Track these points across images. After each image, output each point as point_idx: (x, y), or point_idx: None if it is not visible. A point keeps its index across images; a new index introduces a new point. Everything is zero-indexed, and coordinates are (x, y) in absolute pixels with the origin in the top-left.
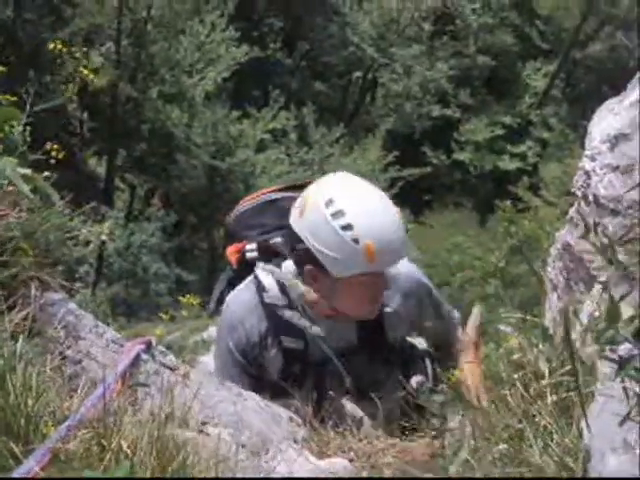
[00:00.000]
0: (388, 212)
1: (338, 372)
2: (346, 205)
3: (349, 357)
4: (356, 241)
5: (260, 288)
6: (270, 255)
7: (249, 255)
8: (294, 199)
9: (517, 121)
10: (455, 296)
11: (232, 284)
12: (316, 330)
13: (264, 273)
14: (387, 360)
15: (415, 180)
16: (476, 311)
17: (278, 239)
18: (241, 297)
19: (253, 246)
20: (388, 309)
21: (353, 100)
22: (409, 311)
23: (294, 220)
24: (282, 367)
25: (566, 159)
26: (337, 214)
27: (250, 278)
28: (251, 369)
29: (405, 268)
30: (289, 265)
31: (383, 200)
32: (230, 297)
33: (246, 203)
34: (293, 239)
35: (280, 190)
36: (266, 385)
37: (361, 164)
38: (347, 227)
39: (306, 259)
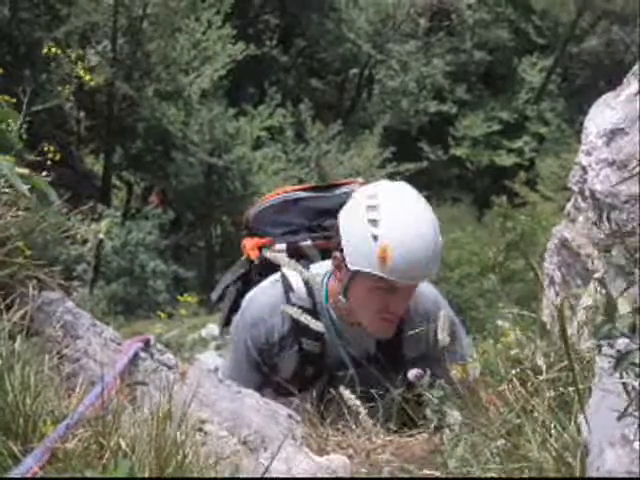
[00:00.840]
0: (422, 226)
1: (350, 379)
2: (384, 203)
3: (364, 366)
4: (375, 238)
5: (287, 288)
6: (297, 256)
7: (277, 255)
8: (319, 199)
9: (514, 116)
10: (453, 292)
11: (245, 279)
12: (319, 326)
13: (292, 273)
14: (400, 372)
15: (412, 176)
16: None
17: (308, 242)
18: (267, 295)
19: (283, 246)
20: (409, 333)
21: (350, 97)
22: (428, 334)
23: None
24: (296, 369)
25: (563, 154)
26: (372, 208)
27: (275, 277)
28: (264, 367)
29: (426, 289)
30: (317, 267)
31: (424, 215)
32: (254, 294)
33: (268, 200)
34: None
35: (304, 190)
36: (272, 384)
37: (358, 161)
38: (373, 222)
39: (337, 247)
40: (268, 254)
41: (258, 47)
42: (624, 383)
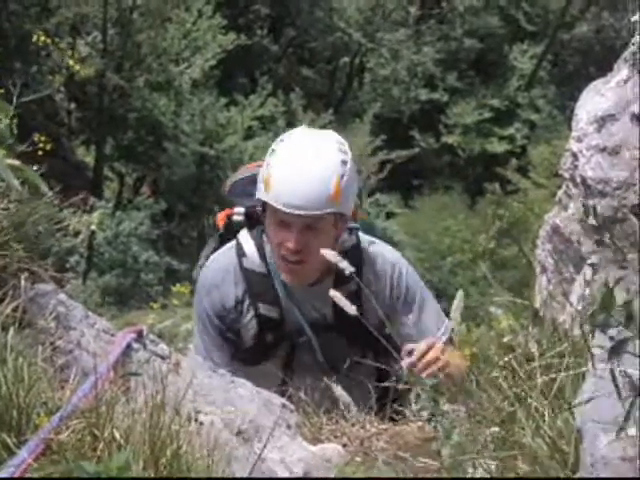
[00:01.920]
0: (307, 156)
1: (311, 346)
2: (289, 137)
3: (324, 333)
4: (267, 165)
5: (240, 253)
6: (256, 222)
7: (235, 219)
8: None
9: (505, 104)
10: (446, 279)
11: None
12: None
13: (246, 238)
14: (362, 343)
15: (404, 164)
16: (459, 297)
17: None
18: (219, 261)
19: (240, 210)
20: (366, 291)
21: (340, 85)
22: (382, 293)
23: None
24: (256, 334)
25: (554, 141)
26: (280, 141)
27: (231, 243)
28: (228, 334)
29: (385, 252)
30: None
31: (316, 148)
32: (208, 261)
33: (242, 172)
34: None
35: None
36: (241, 351)
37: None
38: (272, 151)
39: None
40: (219, 219)
41: (249, 37)
42: (615, 369)
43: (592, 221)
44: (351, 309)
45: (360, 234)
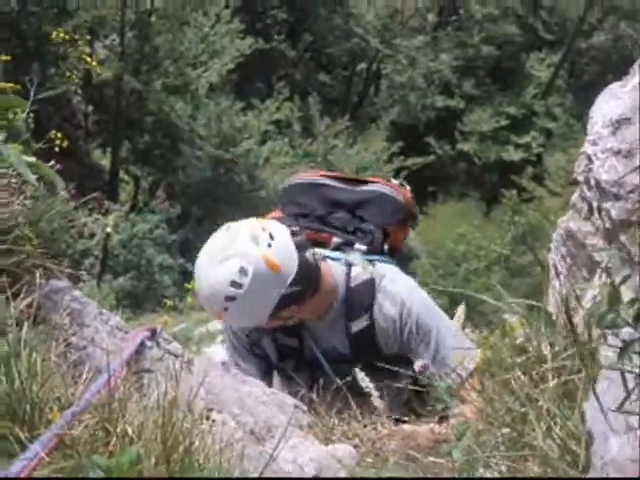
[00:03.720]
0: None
1: (327, 376)
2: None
3: (340, 364)
4: None
5: None
6: None
7: None
8: (339, 190)
9: (521, 111)
10: (460, 286)
11: None
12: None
13: None
14: (379, 374)
15: (419, 171)
16: (461, 310)
17: (296, 227)
18: None
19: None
20: (380, 322)
21: (357, 91)
22: (393, 331)
23: None
24: (277, 359)
25: (571, 149)
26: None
27: None
28: (256, 349)
29: (396, 290)
30: None
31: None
32: None
33: (300, 177)
34: None
35: (334, 178)
36: (278, 369)
37: (365, 155)
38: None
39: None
40: None
41: (266, 41)
42: (626, 371)
43: (601, 223)
44: (377, 400)
45: (378, 266)
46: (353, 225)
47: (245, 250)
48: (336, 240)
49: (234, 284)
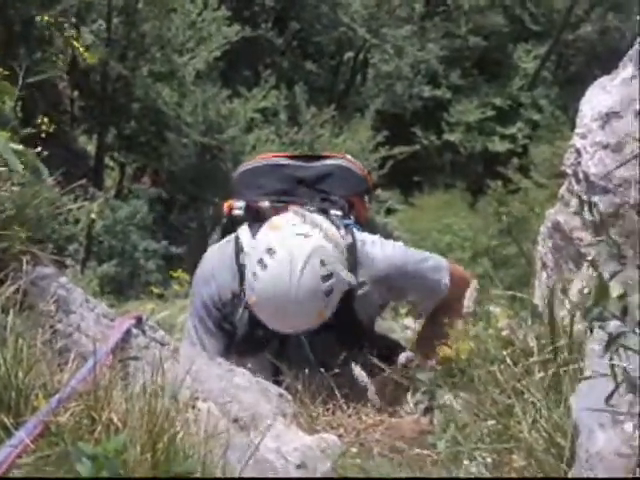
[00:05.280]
0: (294, 296)
1: (300, 342)
2: (269, 259)
3: (313, 332)
4: (252, 289)
5: (238, 248)
6: (255, 216)
7: (236, 212)
8: (299, 168)
9: (507, 103)
10: None
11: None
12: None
13: (245, 234)
14: (352, 342)
15: (405, 161)
16: (473, 286)
17: (266, 203)
18: (217, 253)
19: (241, 204)
20: (360, 292)
21: (344, 80)
22: (379, 295)
23: None
24: (247, 329)
25: (556, 141)
26: (259, 261)
27: (232, 236)
28: (225, 324)
29: (378, 251)
30: None
31: (302, 282)
32: (207, 252)
33: (253, 162)
34: None
35: (289, 157)
36: (235, 342)
37: (351, 144)
38: (254, 275)
39: None
40: (225, 209)
41: (253, 29)
42: (612, 364)
43: (591, 216)
44: (373, 395)
45: (355, 231)
46: (320, 197)
47: (313, 245)
48: (311, 209)
49: (325, 278)
